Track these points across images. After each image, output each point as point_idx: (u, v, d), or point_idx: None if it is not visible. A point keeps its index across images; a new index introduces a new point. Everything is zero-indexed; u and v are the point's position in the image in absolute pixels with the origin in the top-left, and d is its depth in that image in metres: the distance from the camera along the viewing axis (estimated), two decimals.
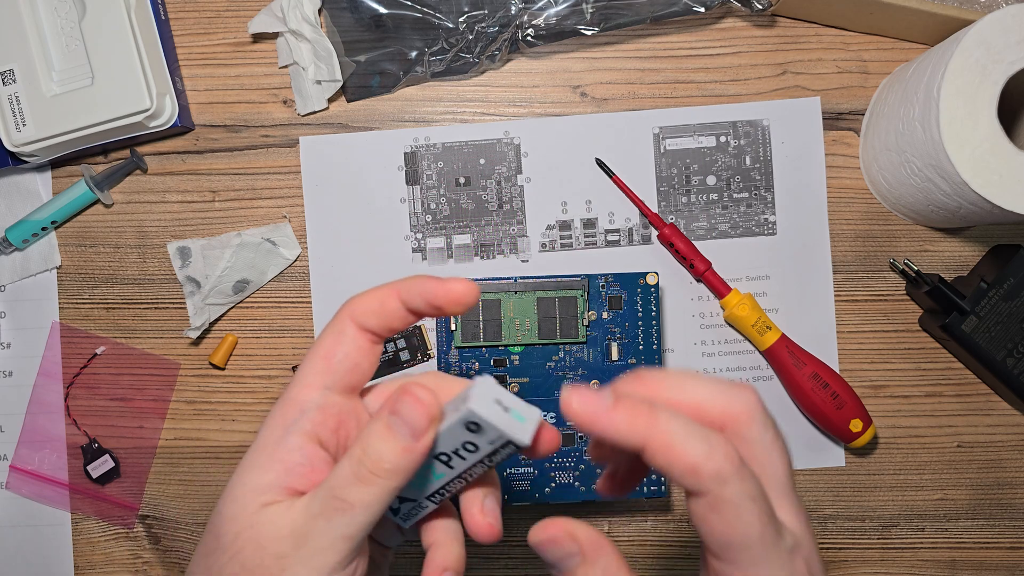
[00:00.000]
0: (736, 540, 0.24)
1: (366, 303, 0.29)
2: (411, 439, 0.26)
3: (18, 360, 0.54)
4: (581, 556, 0.26)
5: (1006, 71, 0.42)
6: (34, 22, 0.49)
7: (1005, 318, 0.48)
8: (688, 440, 0.24)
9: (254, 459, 0.28)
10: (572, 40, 0.52)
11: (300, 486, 0.27)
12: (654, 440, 0.24)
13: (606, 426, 0.25)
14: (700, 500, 0.25)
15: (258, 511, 0.27)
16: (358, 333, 0.29)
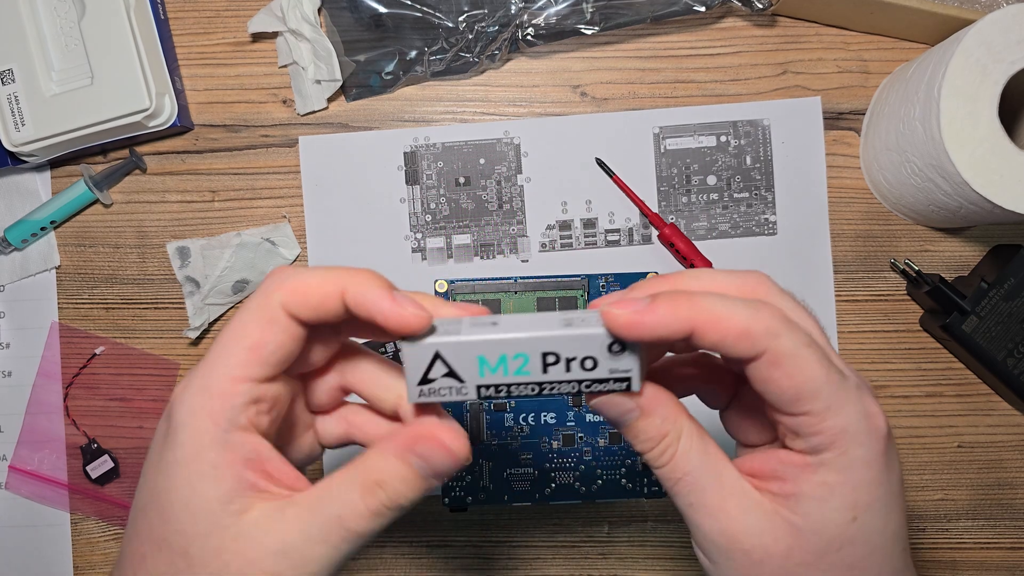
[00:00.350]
0: (805, 387, 0.25)
1: (305, 296, 0.26)
2: (434, 481, 0.26)
3: (17, 360, 0.54)
4: (639, 410, 0.27)
5: (1007, 71, 0.42)
6: (33, 22, 0.49)
7: (1006, 318, 0.48)
8: (732, 309, 0.25)
9: (196, 467, 0.25)
10: (572, 40, 0.52)
11: (258, 482, 0.26)
12: (701, 318, 0.24)
13: (653, 322, 0.25)
14: (759, 364, 0.25)
15: (235, 522, 0.25)
16: (291, 323, 0.26)
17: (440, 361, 0.26)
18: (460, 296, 0.48)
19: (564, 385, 0.26)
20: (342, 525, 0.26)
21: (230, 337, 0.26)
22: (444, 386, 0.26)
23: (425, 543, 0.53)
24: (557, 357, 0.26)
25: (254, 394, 0.26)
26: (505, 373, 0.26)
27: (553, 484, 0.48)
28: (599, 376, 0.26)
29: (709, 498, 0.27)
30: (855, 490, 0.26)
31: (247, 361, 0.26)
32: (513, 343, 0.26)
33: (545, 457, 0.48)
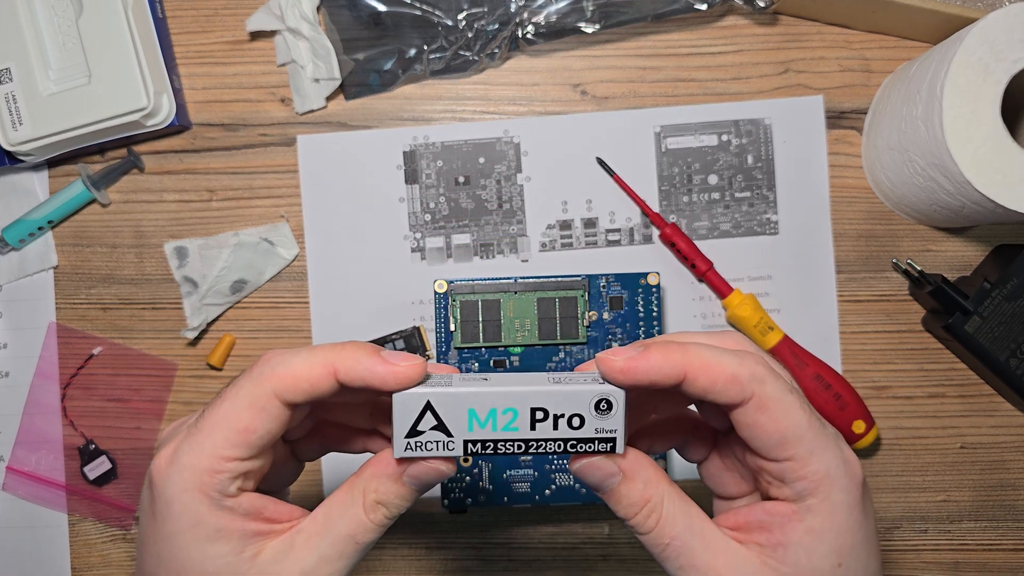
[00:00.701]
0: (789, 431, 0.26)
1: (296, 382, 0.27)
2: (427, 489, 0.29)
3: (15, 360, 0.54)
4: (622, 474, 0.28)
5: (1009, 69, 0.42)
6: (31, 20, 0.49)
7: (1008, 318, 0.48)
8: (721, 355, 0.26)
9: (201, 532, 0.27)
10: (572, 38, 0.52)
11: (261, 528, 0.28)
12: (692, 364, 0.26)
13: (647, 367, 0.26)
14: (746, 409, 0.26)
15: (252, 565, 0.27)
16: (281, 409, 0.27)
17: (430, 412, 0.27)
18: (460, 296, 0.48)
19: (550, 444, 0.27)
20: (354, 540, 0.28)
21: (220, 419, 0.27)
22: (431, 440, 0.27)
23: (424, 545, 0.53)
24: (546, 413, 0.27)
25: (241, 470, 0.27)
26: (494, 428, 0.27)
27: (553, 485, 0.48)
28: (584, 435, 0.27)
29: (698, 559, 0.27)
30: (839, 535, 0.27)
31: (236, 443, 0.27)
32: (504, 396, 0.27)
33: (545, 458, 0.48)
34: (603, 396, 0.27)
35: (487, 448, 0.27)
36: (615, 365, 0.26)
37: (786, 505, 0.27)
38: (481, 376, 0.28)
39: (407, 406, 0.27)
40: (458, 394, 0.27)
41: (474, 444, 0.27)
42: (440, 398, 0.27)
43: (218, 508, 0.27)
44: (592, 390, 0.27)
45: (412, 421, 0.27)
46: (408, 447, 0.27)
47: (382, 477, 0.28)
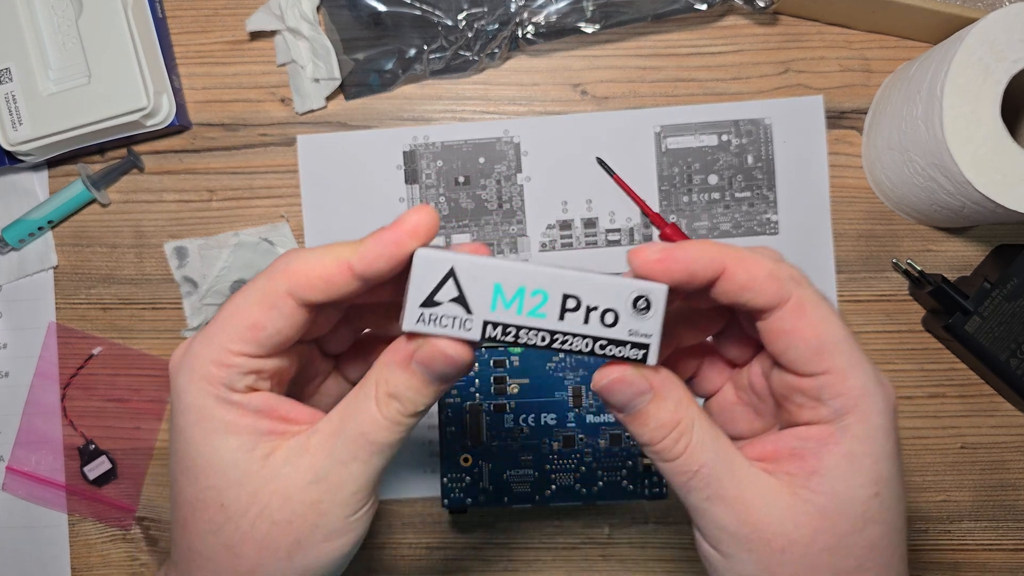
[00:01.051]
0: (828, 338, 0.24)
1: (310, 280, 0.25)
2: (443, 385, 0.26)
3: (14, 361, 0.54)
4: (652, 392, 0.26)
5: (1009, 69, 0.42)
6: (31, 20, 0.49)
7: (1008, 318, 0.48)
8: (758, 254, 0.25)
9: (209, 425, 0.26)
10: (572, 38, 0.52)
11: (275, 427, 0.26)
12: (730, 258, 0.24)
13: (685, 258, 0.24)
14: (783, 313, 0.25)
15: (263, 465, 0.26)
16: (295, 309, 0.25)
17: (452, 281, 0.24)
18: None
19: (577, 340, 0.25)
20: (367, 439, 0.26)
21: (230, 313, 0.26)
22: (447, 314, 0.24)
23: (424, 545, 0.53)
24: (578, 303, 0.25)
25: (251, 367, 0.26)
26: (519, 311, 0.25)
27: (553, 486, 0.48)
28: (616, 336, 0.25)
29: (727, 489, 0.25)
30: (877, 463, 0.25)
31: (244, 339, 0.26)
32: (536, 275, 0.24)
33: (545, 459, 0.48)
34: (643, 292, 0.24)
35: (508, 334, 0.25)
36: (650, 256, 0.24)
37: (820, 428, 0.25)
38: (521, 258, 0.26)
39: (428, 267, 0.24)
40: (486, 264, 0.24)
41: (494, 327, 0.24)
42: (466, 265, 0.24)
43: (225, 403, 0.26)
44: (632, 284, 0.24)
45: (431, 287, 0.24)
46: (421, 319, 0.24)
47: (391, 365, 0.26)
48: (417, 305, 0.24)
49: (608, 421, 0.48)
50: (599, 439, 0.48)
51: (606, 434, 0.48)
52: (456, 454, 0.48)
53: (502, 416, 0.48)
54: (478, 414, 0.48)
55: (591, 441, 0.48)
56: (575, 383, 0.48)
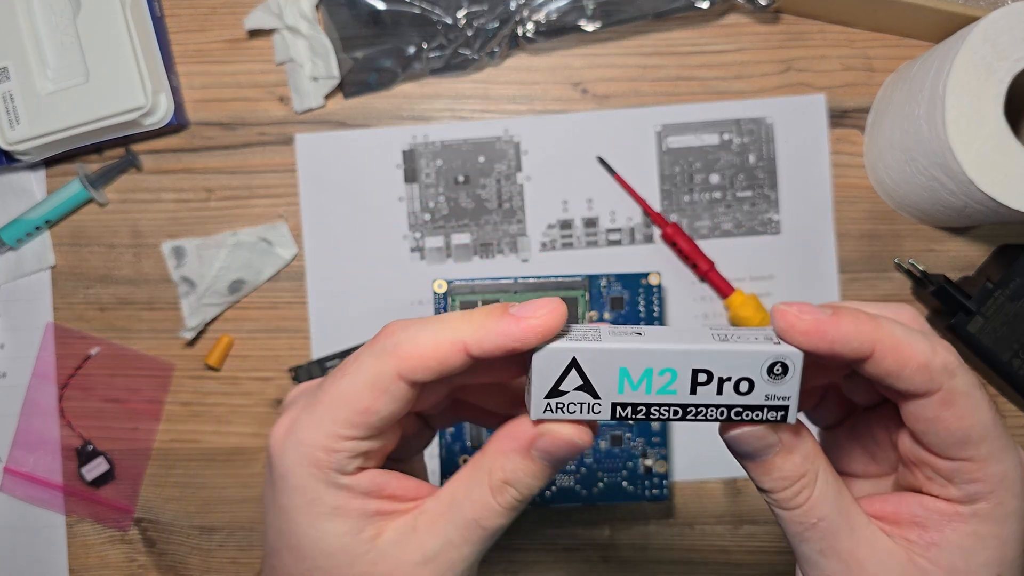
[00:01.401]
0: (974, 431, 0.24)
1: (424, 361, 0.24)
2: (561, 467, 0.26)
3: (12, 361, 0.53)
4: (780, 444, 0.25)
5: (1012, 68, 0.42)
6: (29, 19, 0.49)
7: (1011, 318, 0.48)
8: (914, 338, 0.23)
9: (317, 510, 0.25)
10: (573, 36, 0.52)
11: (382, 507, 0.26)
12: (883, 342, 0.23)
13: (836, 333, 0.23)
14: (930, 402, 0.24)
15: (371, 547, 0.26)
16: (406, 390, 0.25)
17: (575, 370, 0.24)
18: (460, 296, 0.47)
19: (711, 410, 0.24)
20: (480, 525, 0.26)
21: (339, 396, 0.25)
22: (575, 401, 0.24)
23: None
24: (709, 376, 0.24)
25: (360, 449, 0.25)
26: (648, 391, 0.24)
27: (554, 486, 0.48)
28: (753, 402, 0.24)
29: (842, 545, 0.25)
30: (1004, 544, 0.24)
31: (355, 424, 0.25)
32: (662, 355, 0.23)
33: None
34: (779, 359, 0.23)
35: (638, 412, 0.24)
36: (800, 325, 0.23)
37: (949, 505, 0.25)
38: (633, 330, 0.25)
39: (550, 362, 0.23)
40: (610, 350, 0.23)
41: (623, 408, 0.24)
42: (588, 354, 0.23)
43: (335, 486, 0.25)
44: (767, 351, 0.23)
45: (555, 379, 0.24)
46: (548, 408, 0.24)
47: (509, 453, 0.25)
48: (543, 397, 0.24)
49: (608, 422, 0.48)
50: (599, 440, 0.48)
51: (606, 435, 0.48)
52: (456, 455, 0.47)
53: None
54: None
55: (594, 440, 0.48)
56: None
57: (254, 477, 0.53)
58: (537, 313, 0.23)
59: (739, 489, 0.52)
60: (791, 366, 0.23)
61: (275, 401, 0.53)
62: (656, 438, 0.48)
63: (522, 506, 0.26)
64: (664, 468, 0.47)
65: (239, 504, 0.53)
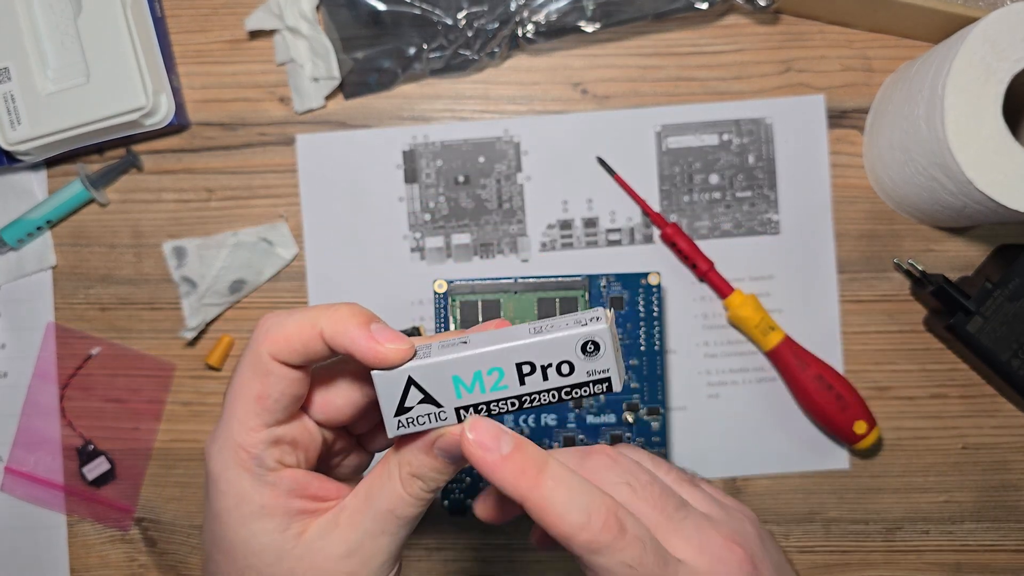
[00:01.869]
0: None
1: (288, 343, 0.27)
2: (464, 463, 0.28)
3: (13, 361, 0.53)
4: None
5: (1011, 69, 0.42)
6: (29, 19, 0.49)
7: (1010, 318, 0.48)
8: (568, 507, 0.26)
9: (246, 510, 0.27)
10: (573, 37, 0.52)
11: (306, 506, 0.28)
12: (532, 501, 0.26)
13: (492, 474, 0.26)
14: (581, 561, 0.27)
15: (298, 543, 0.28)
16: (285, 370, 0.27)
17: (414, 387, 0.26)
18: (460, 296, 0.47)
19: (545, 395, 0.26)
20: (394, 515, 0.28)
21: (235, 393, 0.28)
22: (422, 413, 0.27)
23: (424, 546, 0.52)
24: (532, 366, 0.26)
25: (273, 437, 0.28)
26: (483, 390, 0.26)
27: None
28: (578, 380, 0.26)
29: None
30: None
31: (256, 412, 0.27)
32: (485, 357, 0.26)
33: None
34: (588, 338, 0.26)
35: (480, 411, 0.27)
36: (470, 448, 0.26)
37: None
38: (460, 339, 0.27)
39: (388, 384, 0.26)
40: (439, 363, 0.26)
41: (466, 410, 0.27)
42: (421, 371, 0.26)
43: (261, 484, 0.27)
44: (575, 334, 0.26)
45: (398, 399, 0.26)
46: (400, 425, 0.27)
47: (415, 450, 0.28)
48: (392, 416, 0.27)
49: (608, 422, 0.48)
50: (599, 440, 0.48)
51: (607, 435, 0.48)
52: None
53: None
54: None
55: (591, 442, 0.48)
56: None
57: None
58: (388, 345, 0.26)
59: (739, 488, 0.52)
60: (601, 343, 0.26)
61: None
62: (656, 438, 0.48)
63: (432, 496, 0.29)
64: None
65: None
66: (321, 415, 0.30)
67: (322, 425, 0.30)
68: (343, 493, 0.29)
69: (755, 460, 0.52)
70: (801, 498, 0.52)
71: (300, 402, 0.29)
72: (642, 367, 0.48)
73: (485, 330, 0.28)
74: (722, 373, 0.52)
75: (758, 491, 0.52)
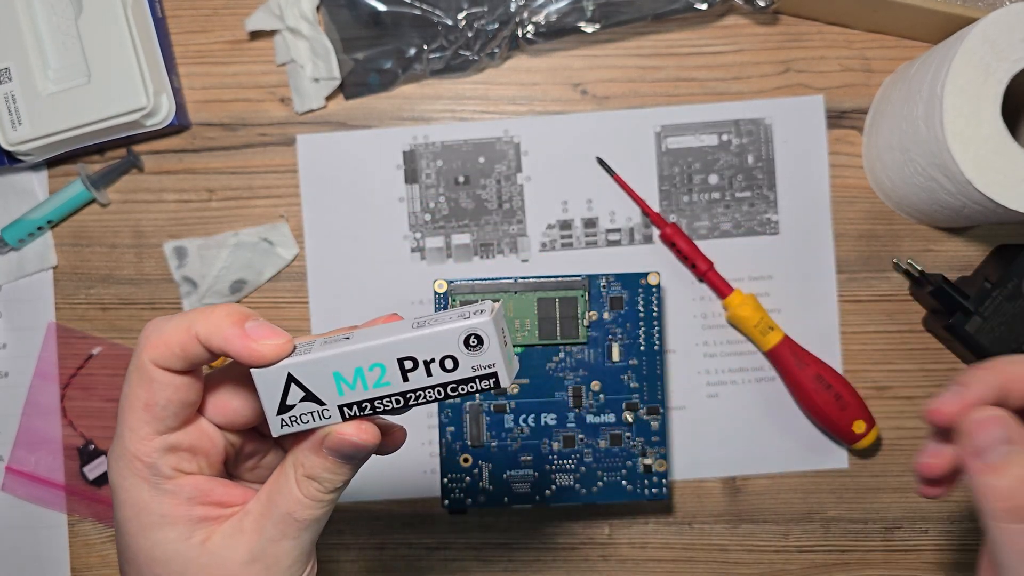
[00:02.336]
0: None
1: (168, 348, 0.26)
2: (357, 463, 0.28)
3: (14, 361, 0.53)
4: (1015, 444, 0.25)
5: (1010, 69, 0.42)
6: (30, 20, 0.49)
7: (1009, 318, 0.48)
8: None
9: (146, 520, 0.27)
10: (572, 37, 0.52)
11: (209, 513, 0.28)
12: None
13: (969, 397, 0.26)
14: None
15: (202, 551, 0.27)
16: (169, 376, 0.27)
17: (295, 384, 0.26)
18: (460, 296, 0.47)
19: (430, 391, 0.26)
20: (293, 518, 0.27)
21: (125, 402, 0.27)
22: (305, 411, 0.26)
23: (424, 545, 0.53)
24: (415, 362, 0.25)
25: (167, 444, 0.27)
26: (365, 387, 0.26)
27: (553, 486, 0.48)
28: (463, 376, 0.25)
29: None
30: None
31: (145, 420, 0.27)
32: (365, 353, 0.25)
33: (545, 459, 0.48)
34: (470, 331, 0.25)
35: (364, 409, 0.26)
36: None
37: None
38: (343, 336, 0.26)
39: (268, 382, 0.25)
40: (318, 360, 0.25)
41: (350, 408, 0.26)
42: (300, 368, 0.25)
43: (159, 493, 0.27)
44: (456, 327, 0.25)
45: (279, 396, 0.26)
46: (284, 423, 0.26)
47: (306, 451, 0.27)
48: (275, 414, 0.26)
49: (608, 422, 0.48)
50: (599, 439, 0.48)
51: (606, 434, 0.48)
52: (456, 454, 0.48)
53: (502, 416, 0.48)
54: (478, 414, 0.48)
55: (591, 441, 0.48)
56: (575, 383, 0.48)
57: None
58: (264, 341, 0.25)
59: (738, 488, 0.52)
60: (484, 336, 0.24)
61: None
62: (655, 437, 0.48)
63: (331, 497, 0.28)
64: (663, 467, 0.48)
65: None
66: (220, 418, 0.29)
67: (224, 428, 0.29)
68: (249, 496, 0.29)
69: (754, 460, 0.52)
70: (800, 497, 0.52)
71: (192, 407, 0.28)
72: (642, 367, 0.48)
73: (373, 325, 0.27)
74: (721, 373, 0.52)
75: (757, 490, 0.52)
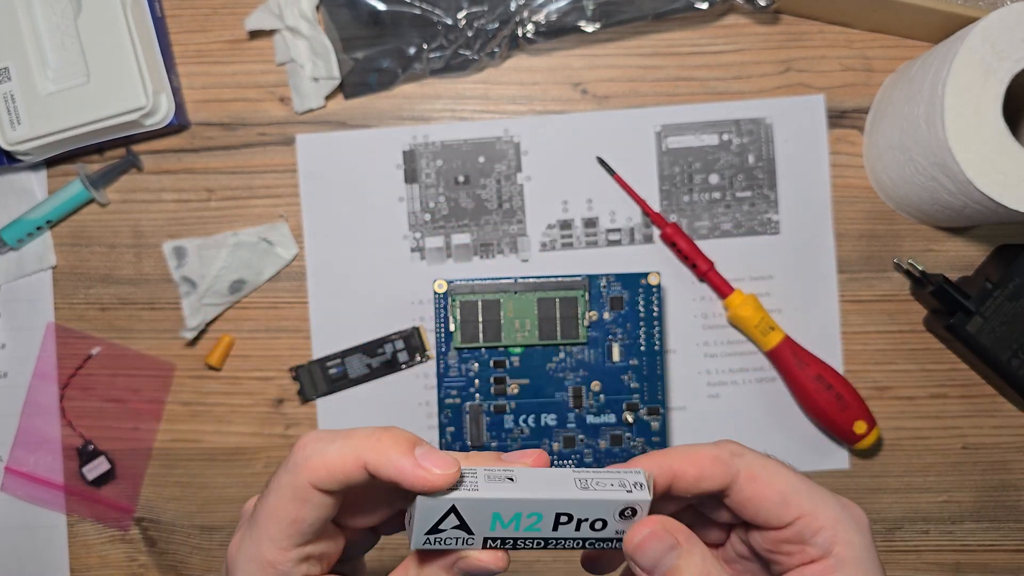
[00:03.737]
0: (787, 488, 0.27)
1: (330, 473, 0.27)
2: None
3: (13, 361, 0.53)
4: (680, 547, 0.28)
5: (1011, 69, 0.42)
6: (29, 19, 0.49)
7: (1010, 318, 0.48)
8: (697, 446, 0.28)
9: None
10: (573, 37, 0.52)
11: None
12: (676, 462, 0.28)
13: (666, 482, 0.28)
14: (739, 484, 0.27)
15: None
16: (324, 498, 0.27)
17: (454, 514, 0.27)
18: (460, 296, 0.47)
19: (571, 541, 0.28)
20: None
21: (270, 512, 0.28)
22: (451, 536, 0.27)
23: None
24: (570, 518, 0.27)
25: (302, 555, 0.28)
26: (516, 528, 0.27)
27: None
28: (606, 536, 0.27)
29: None
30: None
31: (289, 535, 0.28)
32: (531, 503, 0.27)
33: None
34: (629, 505, 0.27)
35: (506, 544, 0.28)
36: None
37: (816, 565, 0.27)
38: (506, 473, 0.28)
39: (431, 509, 0.27)
40: (485, 500, 0.27)
41: (494, 541, 0.28)
42: (466, 504, 0.27)
43: None
44: (619, 500, 0.27)
45: (435, 520, 0.27)
46: (427, 542, 0.27)
47: (436, 568, 0.28)
48: (423, 533, 0.27)
49: (608, 422, 0.48)
50: (599, 440, 0.48)
51: (606, 435, 0.48)
52: None
53: (502, 417, 0.48)
54: (478, 415, 0.48)
55: (591, 442, 0.48)
56: (575, 384, 0.48)
57: (255, 477, 0.53)
58: (434, 470, 0.26)
59: None
60: (639, 510, 0.27)
61: (276, 401, 0.53)
62: (656, 438, 0.48)
63: None
64: None
65: (240, 504, 0.53)
66: (349, 524, 0.30)
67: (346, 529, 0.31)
68: None
69: None
70: None
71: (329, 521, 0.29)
72: (642, 367, 0.48)
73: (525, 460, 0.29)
74: (722, 373, 0.52)
75: None
